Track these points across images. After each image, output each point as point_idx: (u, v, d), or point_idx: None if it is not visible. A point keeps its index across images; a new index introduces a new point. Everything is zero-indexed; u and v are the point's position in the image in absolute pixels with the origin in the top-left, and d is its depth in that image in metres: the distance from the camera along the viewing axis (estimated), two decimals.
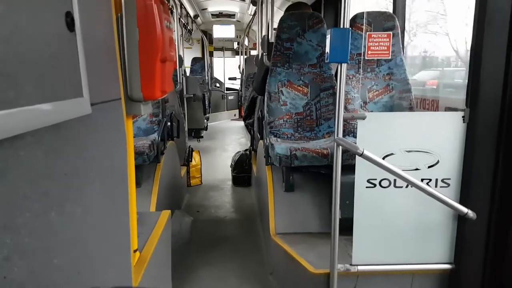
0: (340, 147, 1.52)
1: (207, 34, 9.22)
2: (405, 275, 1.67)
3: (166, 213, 1.62)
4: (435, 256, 1.65)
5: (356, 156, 1.51)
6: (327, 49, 1.49)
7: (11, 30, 0.49)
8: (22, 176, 0.52)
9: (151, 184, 2.37)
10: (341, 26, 1.45)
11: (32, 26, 0.54)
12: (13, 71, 0.49)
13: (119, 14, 1.00)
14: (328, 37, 1.47)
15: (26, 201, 0.53)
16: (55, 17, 0.61)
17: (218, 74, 10.34)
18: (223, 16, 7.95)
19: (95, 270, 0.79)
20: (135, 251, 1.17)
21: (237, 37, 9.06)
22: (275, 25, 2.93)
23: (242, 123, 7.39)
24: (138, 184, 2.27)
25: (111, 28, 0.93)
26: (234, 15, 7.82)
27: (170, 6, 4.27)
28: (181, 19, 5.70)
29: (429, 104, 2.50)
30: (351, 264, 1.61)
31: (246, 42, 9.39)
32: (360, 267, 1.61)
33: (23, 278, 0.52)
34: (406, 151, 1.58)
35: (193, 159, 3.99)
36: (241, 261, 2.35)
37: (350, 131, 2.35)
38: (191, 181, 3.96)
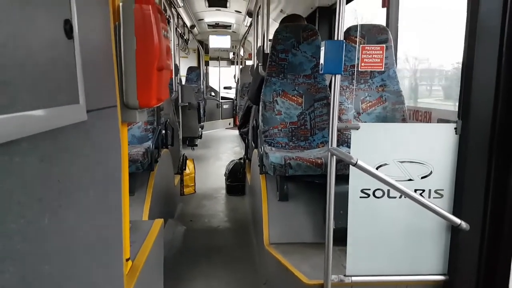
0: (334, 156, 1.53)
1: (203, 44, 9.28)
2: (399, 286, 1.66)
3: (159, 222, 1.61)
4: (429, 267, 1.65)
5: (350, 166, 1.51)
6: (321, 61, 1.51)
7: (9, 35, 0.49)
8: (16, 182, 0.52)
9: (144, 192, 2.35)
10: (335, 38, 1.48)
11: (30, 32, 0.55)
12: (10, 77, 0.49)
13: (116, 23, 1.01)
14: (323, 48, 1.49)
15: (20, 207, 0.53)
16: (54, 24, 0.62)
17: (213, 83, 10.38)
18: (219, 27, 8.02)
19: (87, 278, 0.79)
20: (127, 259, 1.15)
21: (232, 47, 9.14)
22: (271, 36, 2.96)
23: (236, 132, 7.41)
24: (131, 192, 2.25)
25: (109, 36, 0.94)
26: (230, 26, 7.89)
27: (167, 16, 4.30)
28: (177, 29, 5.74)
29: (422, 115, 2.52)
30: (345, 275, 1.61)
31: (241, 53, 9.47)
32: (354, 278, 1.61)
33: (14, 284, 0.51)
34: (400, 161, 1.59)
35: (187, 168, 3.98)
36: (234, 271, 2.33)
37: (344, 141, 2.36)
38: (184, 190, 3.94)
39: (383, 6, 2.88)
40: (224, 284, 2.18)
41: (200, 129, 6.65)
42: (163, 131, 2.93)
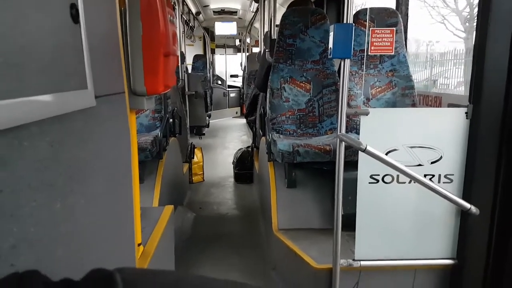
0: (343, 143, 1.52)
1: (209, 31, 9.21)
2: (408, 271, 1.67)
3: (169, 208, 1.62)
4: (438, 251, 1.65)
5: (359, 152, 1.50)
6: (330, 45, 1.48)
7: (16, 19, 0.49)
8: (27, 166, 0.53)
9: (153, 180, 2.37)
10: (345, 22, 1.45)
11: (37, 16, 0.54)
12: (18, 61, 0.49)
13: (122, 8, 1.00)
14: (331, 33, 1.47)
15: (32, 191, 0.54)
16: (60, 8, 0.61)
17: (220, 71, 10.34)
18: (225, 13, 7.94)
19: (100, 262, 0.80)
20: (139, 245, 1.17)
21: (239, 34, 9.06)
22: (277, 22, 2.93)
23: (243, 120, 7.40)
24: (140, 180, 2.27)
25: (115, 21, 0.93)
26: (236, 12, 7.81)
27: (172, 3, 4.26)
28: (183, 15, 5.69)
29: (432, 100, 2.49)
30: (353, 260, 1.62)
31: (248, 40, 9.38)
32: (363, 263, 1.61)
33: (29, 267, 0.52)
34: (409, 147, 1.58)
35: (195, 156, 4.00)
36: (243, 257, 2.35)
37: (352, 127, 2.35)
38: (193, 178, 3.97)
39: None
40: (233, 270, 2.20)
41: (207, 117, 6.65)
42: (171, 120, 2.94)
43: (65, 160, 0.64)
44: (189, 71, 7.62)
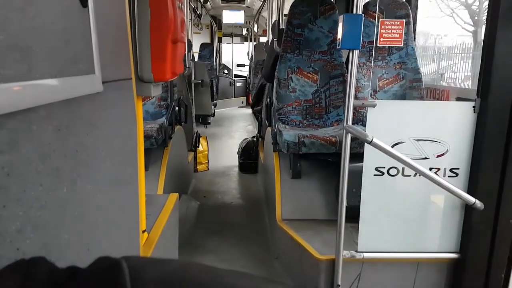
0: (349, 134, 1.51)
1: (216, 19, 9.14)
2: (410, 263, 1.67)
3: (174, 196, 1.63)
4: (441, 245, 1.65)
5: (365, 144, 1.50)
6: (339, 35, 1.47)
7: (25, 2, 0.49)
8: (34, 150, 0.53)
9: (158, 168, 2.38)
10: (354, 12, 1.43)
11: None
12: (27, 44, 0.49)
13: None
14: (340, 23, 1.45)
15: (39, 175, 0.54)
16: None
17: (226, 60, 10.29)
18: (232, 1, 7.85)
19: (105, 247, 0.80)
20: (143, 231, 1.18)
21: (246, 23, 8.98)
22: (286, 11, 2.89)
23: (249, 110, 7.38)
24: (145, 167, 2.28)
25: (123, 7, 0.92)
26: (244, 0, 7.73)
27: None
28: (190, 3, 5.65)
29: (440, 94, 2.46)
30: (356, 251, 1.62)
31: (255, 29, 9.31)
32: (365, 254, 1.62)
33: (35, 251, 0.53)
34: (416, 139, 1.57)
35: (200, 145, 4.00)
36: (247, 246, 2.37)
37: (359, 119, 2.33)
38: (198, 167, 3.97)
39: None
40: (237, 259, 2.22)
41: (213, 107, 6.63)
42: (177, 108, 2.94)
43: (72, 144, 0.64)
44: (196, 59, 7.59)
